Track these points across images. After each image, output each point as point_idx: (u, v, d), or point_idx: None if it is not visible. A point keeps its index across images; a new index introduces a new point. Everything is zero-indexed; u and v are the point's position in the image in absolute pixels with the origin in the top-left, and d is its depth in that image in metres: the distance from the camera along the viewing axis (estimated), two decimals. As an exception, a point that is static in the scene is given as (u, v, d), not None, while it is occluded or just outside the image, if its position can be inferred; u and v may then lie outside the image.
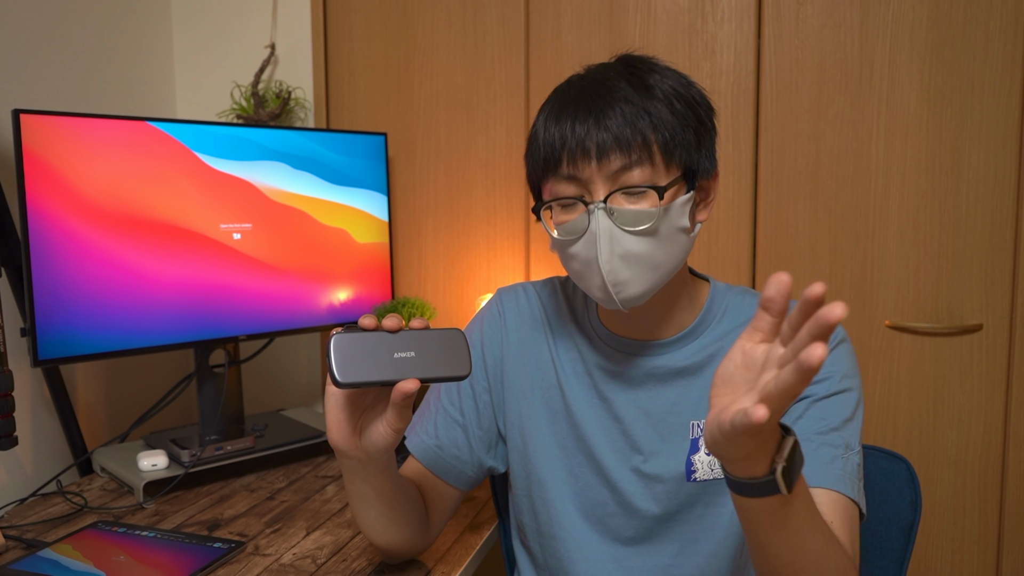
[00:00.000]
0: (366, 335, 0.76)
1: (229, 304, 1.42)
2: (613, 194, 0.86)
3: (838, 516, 0.84)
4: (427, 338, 0.78)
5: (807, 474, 0.81)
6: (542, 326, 1.04)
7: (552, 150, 0.88)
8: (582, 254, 0.88)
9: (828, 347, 0.56)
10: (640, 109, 0.86)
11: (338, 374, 0.73)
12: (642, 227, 0.86)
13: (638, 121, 0.85)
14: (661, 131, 0.86)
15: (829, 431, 0.89)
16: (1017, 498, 1.49)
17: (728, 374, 0.64)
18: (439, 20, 1.68)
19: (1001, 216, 1.45)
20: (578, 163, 0.86)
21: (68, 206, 1.23)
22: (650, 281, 0.88)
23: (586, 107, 0.87)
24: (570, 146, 0.86)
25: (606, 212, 0.86)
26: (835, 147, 1.52)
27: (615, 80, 0.88)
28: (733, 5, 1.53)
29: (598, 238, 0.85)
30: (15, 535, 1.14)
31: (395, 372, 0.76)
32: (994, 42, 1.43)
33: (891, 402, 1.53)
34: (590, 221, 0.86)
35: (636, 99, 0.86)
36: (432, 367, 0.77)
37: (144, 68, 1.70)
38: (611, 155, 0.85)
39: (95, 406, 1.54)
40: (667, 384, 0.97)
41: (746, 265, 1.58)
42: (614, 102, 0.86)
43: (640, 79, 0.88)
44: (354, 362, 0.74)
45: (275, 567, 1.06)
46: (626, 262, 0.86)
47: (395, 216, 1.75)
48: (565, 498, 0.99)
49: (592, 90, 0.88)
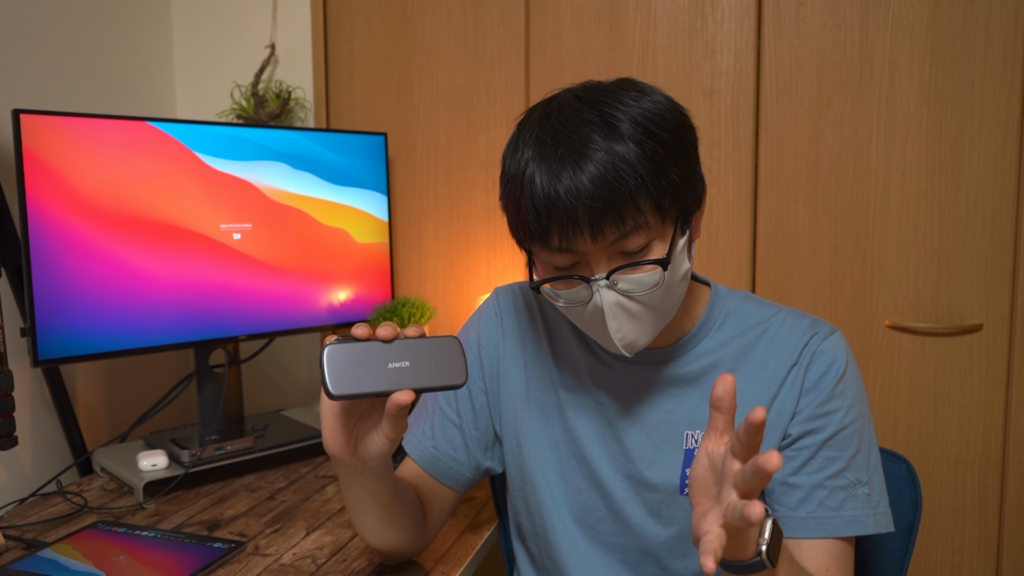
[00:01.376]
0: (359, 345, 0.75)
1: (229, 304, 1.42)
2: (614, 271, 0.82)
3: (834, 562, 0.89)
4: (422, 347, 0.77)
5: (810, 526, 0.89)
6: (540, 327, 1.04)
7: (538, 220, 0.81)
8: (588, 320, 0.87)
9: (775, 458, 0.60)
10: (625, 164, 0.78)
11: (331, 386, 0.72)
12: (650, 290, 0.84)
13: (628, 177, 0.78)
14: (649, 189, 0.79)
15: (838, 473, 0.90)
16: (1017, 498, 1.49)
17: (699, 478, 0.70)
18: (439, 20, 1.68)
19: (1001, 216, 1.45)
20: (571, 238, 0.80)
21: (68, 206, 1.23)
22: (658, 327, 0.89)
23: (568, 176, 0.79)
24: (559, 221, 0.79)
25: (609, 285, 0.83)
26: (835, 147, 1.52)
27: (586, 129, 0.80)
28: (733, 5, 1.53)
29: (604, 313, 0.84)
30: (15, 535, 1.14)
31: (389, 383, 0.75)
32: (994, 42, 1.43)
33: (891, 402, 1.53)
34: (592, 295, 0.84)
35: (615, 154, 0.79)
36: (427, 377, 0.77)
37: (144, 68, 1.70)
38: (606, 229, 0.79)
39: (95, 406, 1.54)
40: (663, 392, 0.96)
41: (746, 265, 1.58)
42: (592, 165, 0.78)
43: (609, 124, 0.80)
44: (347, 373, 0.73)
45: (275, 567, 1.06)
46: (635, 322, 0.86)
47: (395, 216, 1.75)
48: (558, 502, 0.99)
49: (569, 146, 0.80)
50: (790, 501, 0.91)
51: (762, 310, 0.98)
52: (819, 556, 0.89)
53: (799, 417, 0.91)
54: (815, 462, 0.91)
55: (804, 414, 0.91)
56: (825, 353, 0.92)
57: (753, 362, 0.94)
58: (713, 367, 0.95)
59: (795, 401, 0.92)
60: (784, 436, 0.92)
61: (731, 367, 0.95)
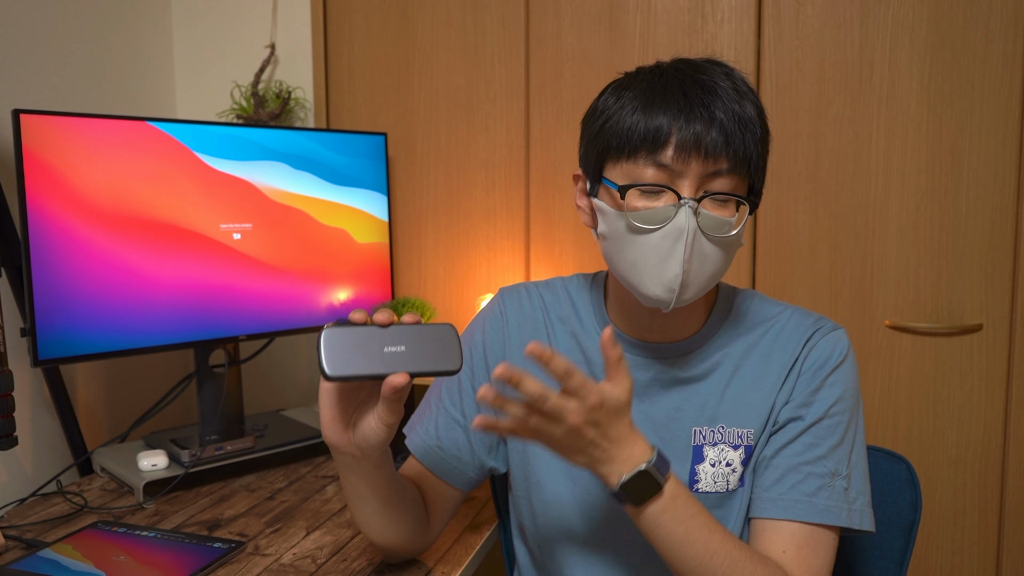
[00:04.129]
0: (357, 329, 0.76)
1: (229, 304, 1.42)
2: (704, 197, 0.85)
3: (795, 546, 0.88)
4: (418, 333, 0.78)
5: (779, 506, 0.89)
6: (544, 328, 1.03)
7: (657, 135, 0.83)
8: (659, 246, 0.85)
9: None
10: (745, 119, 0.85)
11: (327, 367, 0.74)
12: (722, 235, 0.86)
13: (744, 130, 0.84)
14: (757, 145, 0.86)
15: (816, 460, 0.90)
16: (1017, 498, 1.49)
17: None
18: (439, 20, 1.68)
19: (1001, 216, 1.45)
20: (687, 155, 0.83)
21: (68, 206, 1.23)
22: (706, 287, 0.89)
23: (700, 101, 0.84)
24: (683, 137, 0.83)
25: (695, 211, 0.84)
26: (835, 147, 1.52)
27: (720, 79, 0.86)
28: (733, 5, 1.53)
29: (685, 235, 0.84)
30: (15, 535, 1.14)
31: (385, 366, 0.76)
32: (994, 42, 1.43)
33: (891, 402, 1.53)
34: (677, 215, 0.84)
35: (739, 108, 0.85)
36: (423, 361, 0.77)
37: (144, 68, 1.70)
38: (718, 157, 0.83)
39: (95, 406, 1.54)
40: (670, 390, 0.96)
41: (746, 265, 1.58)
42: (726, 102, 0.84)
43: (736, 87, 0.86)
44: (343, 356, 0.74)
45: (275, 567, 1.06)
46: (700, 265, 0.86)
47: (395, 216, 1.75)
48: (564, 501, 0.99)
49: (700, 86, 0.85)
50: (764, 482, 0.92)
51: (769, 308, 0.99)
52: (780, 538, 0.88)
53: (790, 404, 0.93)
54: (795, 445, 0.91)
55: (794, 402, 0.93)
56: (823, 346, 0.94)
57: (758, 359, 0.95)
58: (720, 364, 0.96)
59: (790, 392, 0.93)
60: (775, 422, 0.94)
61: (737, 364, 0.96)
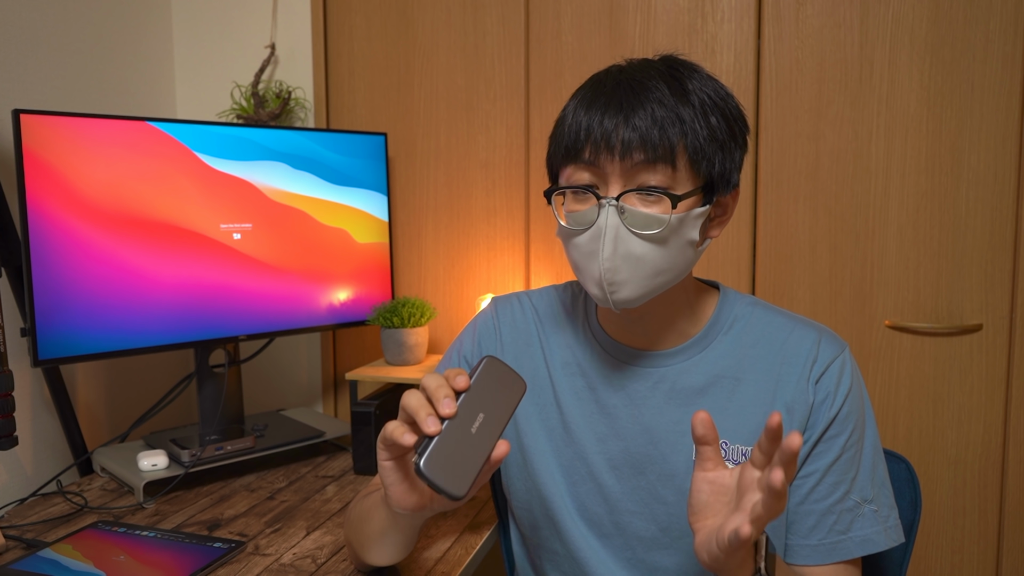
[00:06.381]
0: (441, 439, 0.73)
1: (229, 304, 1.42)
2: (627, 193, 0.85)
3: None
4: (479, 390, 0.76)
5: (822, 553, 0.91)
6: (537, 339, 1.03)
7: (577, 137, 0.86)
8: (585, 246, 0.87)
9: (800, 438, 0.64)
10: (673, 114, 0.84)
11: (454, 491, 0.71)
12: (650, 232, 0.85)
13: (668, 126, 0.84)
14: (689, 139, 0.85)
15: (844, 496, 0.91)
16: (1017, 498, 1.49)
17: (702, 503, 0.74)
18: (439, 20, 1.69)
19: (1001, 216, 1.45)
20: (600, 155, 0.85)
21: (68, 206, 1.23)
22: (647, 287, 0.87)
23: (619, 102, 0.85)
24: (595, 137, 0.85)
25: (617, 210, 0.85)
26: (835, 147, 1.52)
27: (654, 79, 0.86)
28: (733, 5, 1.53)
29: (603, 234, 0.84)
30: (15, 535, 1.14)
31: (484, 447, 0.74)
32: (994, 42, 1.43)
33: (891, 402, 1.53)
34: (599, 215, 0.85)
35: (671, 103, 0.84)
36: (501, 410, 0.76)
37: (144, 68, 1.71)
38: (634, 154, 0.84)
39: (95, 406, 1.54)
40: (670, 402, 0.94)
41: (746, 265, 1.58)
42: (648, 102, 0.84)
43: (679, 83, 0.87)
44: (451, 471, 0.72)
45: (275, 567, 1.06)
46: (627, 263, 0.85)
47: (395, 216, 1.75)
48: (566, 514, 0.98)
49: (629, 86, 0.86)
50: (800, 530, 0.91)
51: (771, 317, 0.97)
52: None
53: (805, 446, 0.91)
54: (821, 488, 0.91)
55: (809, 443, 0.91)
56: (829, 380, 0.92)
57: (760, 372, 0.93)
58: (721, 376, 0.94)
59: (802, 419, 0.92)
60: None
61: (738, 376, 0.94)
